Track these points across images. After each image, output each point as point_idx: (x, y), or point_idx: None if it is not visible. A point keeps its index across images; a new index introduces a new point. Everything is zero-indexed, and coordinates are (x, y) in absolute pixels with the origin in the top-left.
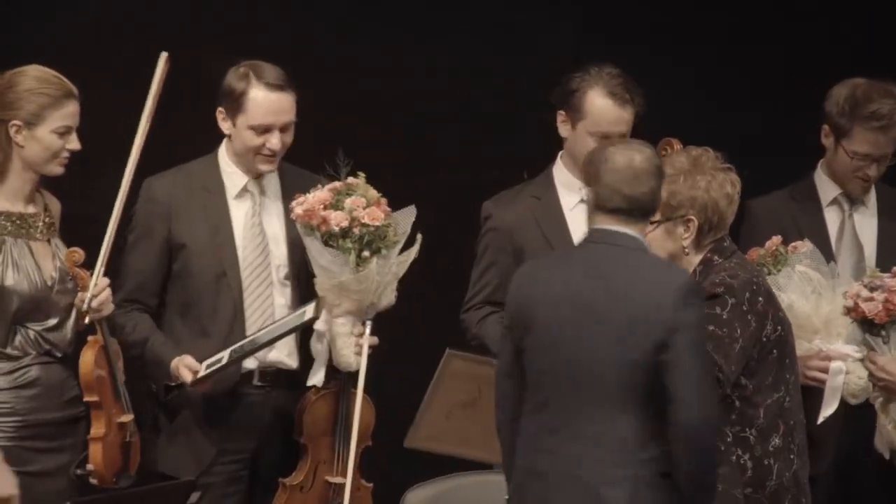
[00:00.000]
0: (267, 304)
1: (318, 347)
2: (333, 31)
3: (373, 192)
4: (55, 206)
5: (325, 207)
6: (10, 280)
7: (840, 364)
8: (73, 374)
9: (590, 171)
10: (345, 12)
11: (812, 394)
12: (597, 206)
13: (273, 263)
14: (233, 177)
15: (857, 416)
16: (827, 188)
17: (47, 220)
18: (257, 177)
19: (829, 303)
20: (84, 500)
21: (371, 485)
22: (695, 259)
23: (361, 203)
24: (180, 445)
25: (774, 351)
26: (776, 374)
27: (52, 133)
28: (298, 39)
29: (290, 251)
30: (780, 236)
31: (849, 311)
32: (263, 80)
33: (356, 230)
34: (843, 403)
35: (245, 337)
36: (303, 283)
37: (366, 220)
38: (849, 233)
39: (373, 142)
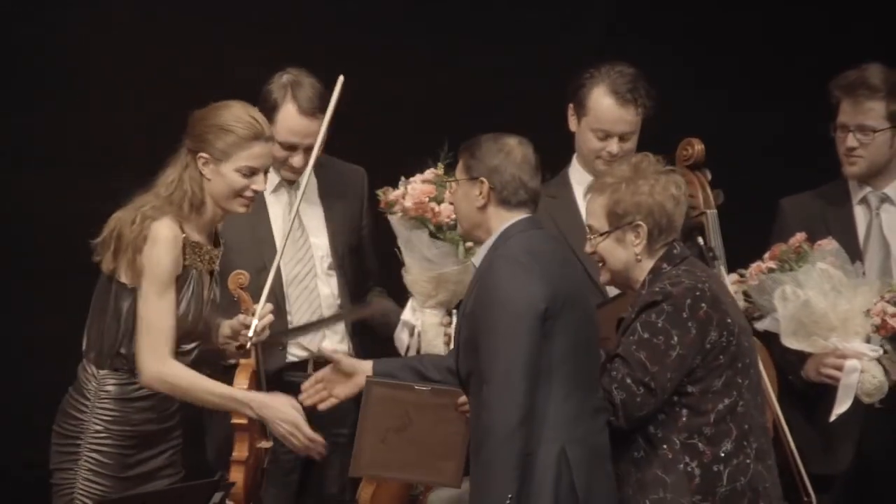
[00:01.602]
0: (313, 296)
1: (403, 339)
2: (359, 30)
3: None
4: (219, 234)
5: (430, 200)
6: (182, 309)
7: (855, 362)
8: None
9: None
10: (373, 9)
11: (828, 392)
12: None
13: (316, 255)
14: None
15: (878, 416)
16: (857, 187)
17: (217, 254)
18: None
19: (847, 301)
20: (113, 499)
21: None
22: (647, 265)
23: None
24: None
25: (721, 357)
26: (726, 379)
27: (235, 171)
28: (320, 39)
29: (331, 241)
30: (804, 233)
31: (877, 328)
32: (297, 102)
33: None
34: (864, 403)
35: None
36: (348, 272)
37: None
38: (876, 231)
39: (394, 140)
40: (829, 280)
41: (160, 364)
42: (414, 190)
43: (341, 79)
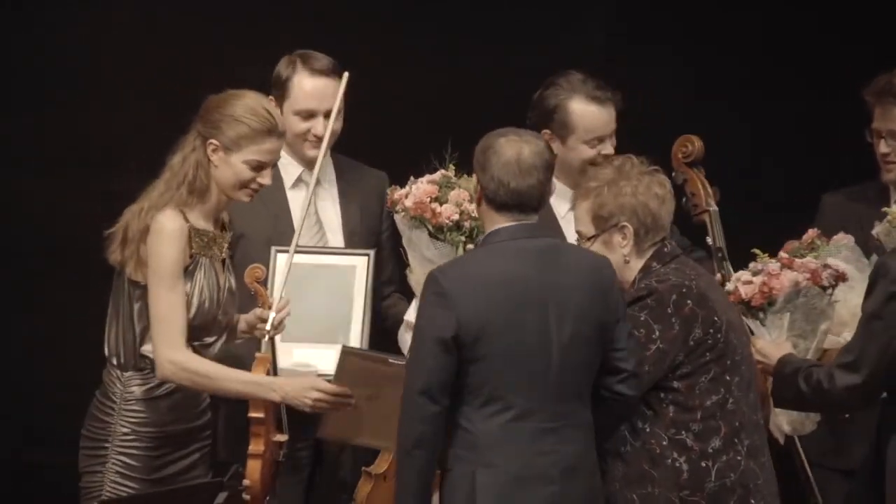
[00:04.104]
0: None
1: (406, 339)
2: (359, 30)
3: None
4: (227, 220)
5: (432, 200)
6: (195, 298)
7: None
8: None
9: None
10: (373, 9)
11: None
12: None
13: None
14: (288, 167)
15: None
16: (893, 186)
17: (227, 241)
18: (310, 163)
19: (858, 296)
20: (115, 500)
21: None
22: (636, 265)
23: (465, 196)
24: (245, 437)
25: (707, 354)
26: (714, 376)
27: (244, 164)
28: (320, 38)
29: (346, 239)
30: (816, 230)
31: (729, 294)
32: (308, 66)
33: (467, 223)
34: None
35: None
36: None
37: (475, 214)
38: None
39: (393, 140)
40: None
41: (177, 354)
42: (418, 190)
43: (346, 75)
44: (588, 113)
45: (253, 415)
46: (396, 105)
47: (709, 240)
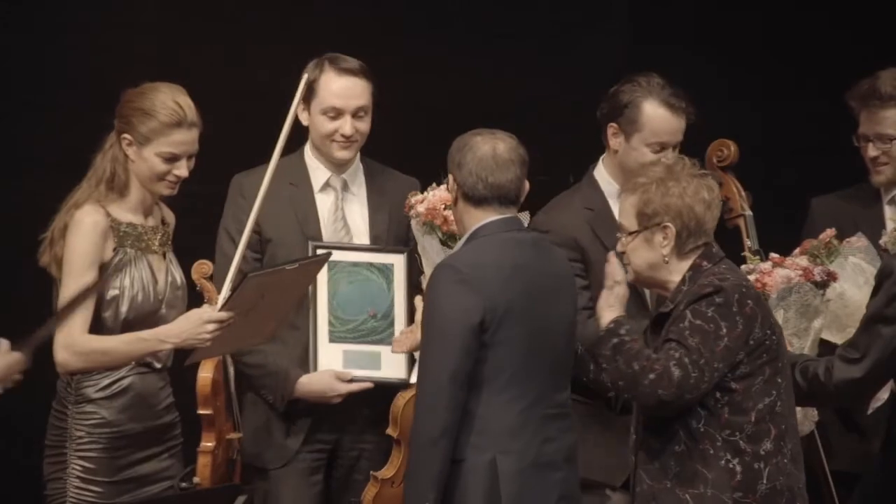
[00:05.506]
0: None
1: None
2: (359, 31)
3: None
4: (171, 218)
5: (446, 207)
6: (126, 291)
7: None
8: (169, 384)
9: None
10: (373, 9)
11: None
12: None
13: None
14: (317, 172)
15: None
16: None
17: (164, 233)
18: (339, 167)
19: None
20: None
21: None
22: (676, 266)
23: None
24: (265, 439)
25: (764, 355)
26: (767, 377)
27: (156, 156)
28: (321, 38)
29: (372, 244)
30: (833, 229)
31: None
32: (336, 66)
33: None
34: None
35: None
36: None
37: None
38: None
39: (393, 140)
40: (863, 273)
41: (69, 339)
42: (434, 196)
43: (305, 77)
44: (658, 116)
45: (202, 412)
46: (396, 105)
47: (748, 243)
